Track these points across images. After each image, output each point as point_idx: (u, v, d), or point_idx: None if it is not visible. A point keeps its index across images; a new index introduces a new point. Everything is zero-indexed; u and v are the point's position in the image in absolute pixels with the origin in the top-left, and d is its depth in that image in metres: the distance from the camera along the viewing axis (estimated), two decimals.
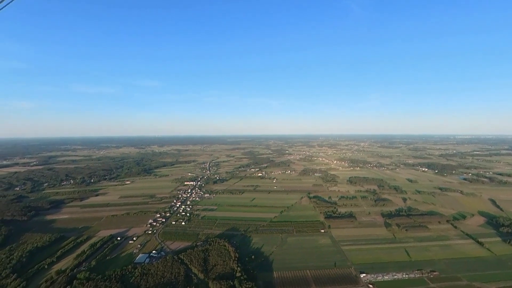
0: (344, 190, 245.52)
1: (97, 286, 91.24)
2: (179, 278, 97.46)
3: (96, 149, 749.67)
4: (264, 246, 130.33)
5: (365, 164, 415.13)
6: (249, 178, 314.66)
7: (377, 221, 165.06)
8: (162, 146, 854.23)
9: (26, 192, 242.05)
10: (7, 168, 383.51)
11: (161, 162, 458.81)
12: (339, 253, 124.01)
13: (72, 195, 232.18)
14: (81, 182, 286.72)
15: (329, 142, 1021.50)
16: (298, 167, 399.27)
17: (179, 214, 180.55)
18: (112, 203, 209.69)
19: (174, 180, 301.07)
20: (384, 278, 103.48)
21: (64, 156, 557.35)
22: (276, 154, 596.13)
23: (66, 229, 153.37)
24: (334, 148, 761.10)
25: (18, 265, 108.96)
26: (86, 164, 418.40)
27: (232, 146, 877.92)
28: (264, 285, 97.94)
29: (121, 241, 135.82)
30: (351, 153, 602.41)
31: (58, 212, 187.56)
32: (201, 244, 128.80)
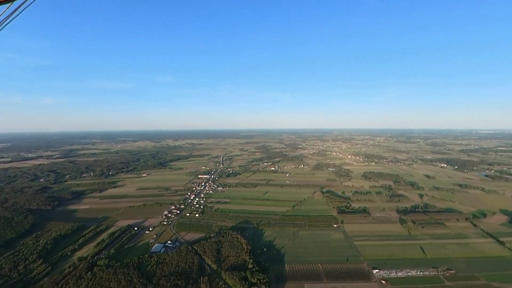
0: (358, 185, 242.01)
1: (116, 273, 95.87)
2: (193, 267, 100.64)
3: (114, 142, 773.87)
4: (276, 239, 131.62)
5: (380, 159, 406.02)
6: (262, 172, 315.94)
7: (391, 217, 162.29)
8: (176, 140, 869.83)
9: (49, 183, 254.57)
10: (32, 160, 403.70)
11: (176, 156, 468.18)
12: (351, 248, 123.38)
13: (92, 186, 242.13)
14: (100, 174, 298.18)
15: (344, 137, 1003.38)
16: (311, 161, 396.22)
17: (193, 206, 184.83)
18: (129, 194, 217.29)
19: (188, 173, 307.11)
20: (398, 275, 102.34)
21: (84, 149, 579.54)
22: (289, 148, 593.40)
23: (86, 218, 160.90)
24: (349, 142, 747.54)
25: (44, 251, 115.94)
26: (104, 157, 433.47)
27: (245, 140, 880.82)
28: (276, 277, 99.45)
29: (138, 231, 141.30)
30: (366, 148, 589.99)
31: (79, 202, 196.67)
32: (214, 235, 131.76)
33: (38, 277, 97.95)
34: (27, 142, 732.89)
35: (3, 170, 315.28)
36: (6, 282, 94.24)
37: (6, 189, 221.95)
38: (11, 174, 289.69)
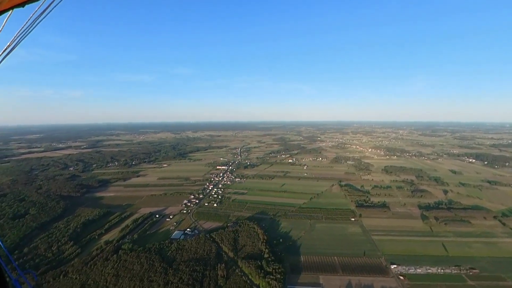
0: (378, 179, 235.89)
1: (139, 256, 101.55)
2: (211, 254, 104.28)
3: (136, 134, 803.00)
4: (293, 231, 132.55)
5: (402, 153, 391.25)
6: (279, 164, 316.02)
7: (412, 213, 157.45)
8: (196, 132, 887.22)
9: (78, 172, 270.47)
10: (63, 150, 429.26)
11: (195, 147, 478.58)
12: (369, 242, 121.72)
13: (117, 175, 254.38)
14: (124, 164, 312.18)
15: (364, 129, 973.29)
16: (330, 154, 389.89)
17: (212, 196, 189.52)
18: (151, 183, 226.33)
19: (207, 164, 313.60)
20: (417, 271, 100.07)
21: (109, 140, 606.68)
22: (308, 141, 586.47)
23: (112, 205, 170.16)
24: (370, 135, 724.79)
25: (74, 234, 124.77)
26: (128, 148, 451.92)
27: (263, 132, 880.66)
28: (291, 268, 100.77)
29: (159, 218, 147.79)
30: (387, 141, 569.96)
31: (105, 190, 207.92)
32: (231, 225, 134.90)
33: (70, 258, 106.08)
34: (58, 133, 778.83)
35: (37, 159, 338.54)
36: (43, 261, 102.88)
37: (40, 177, 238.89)
38: (44, 163, 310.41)
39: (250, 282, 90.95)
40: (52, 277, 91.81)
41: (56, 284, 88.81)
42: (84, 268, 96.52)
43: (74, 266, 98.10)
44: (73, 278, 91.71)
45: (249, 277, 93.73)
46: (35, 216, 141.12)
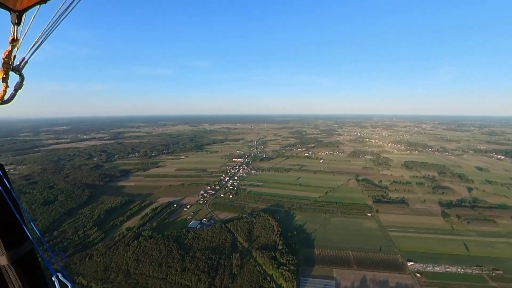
0: (397, 175, 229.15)
1: (158, 243, 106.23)
2: (226, 244, 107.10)
3: (156, 126, 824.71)
4: (307, 224, 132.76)
5: (424, 148, 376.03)
6: (295, 158, 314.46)
7: (433, 210, 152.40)
8: (213, 125, 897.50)
9: (101, 162, 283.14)
10: (87, 141, 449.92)
11: (212, 139, 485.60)
12: (385, 238, 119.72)
13: (137, 166, 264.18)
14: (144, 155, 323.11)
15: (384, 123, 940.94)
16: (348, 148, 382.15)
17: (227, 188, 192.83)
18: (169, 174, 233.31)
19: (223, 156, 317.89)
20: (435, 269, 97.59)
21: (130, 132, 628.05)
22: (325, 134, 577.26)
23: (133, 194, 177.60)
24: (390, 129, 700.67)
25: (98, 220, 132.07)
26: (148, 140, 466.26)
27: (280, 125, 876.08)
28: (305, 260, 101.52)
29: (177, 208, 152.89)
30: (409, 136, 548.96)
31: (126, 179, 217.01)
32: (246, 216, 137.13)
33: (94, 242, 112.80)
34: (83, 125, 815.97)
35: (64, 149, 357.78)
36: (70, 244, 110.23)
37: (67, 166, 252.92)
38: (71, 153, 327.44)
39: (263, 272, 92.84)
40: (78, 259, 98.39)
41: (83, 266, 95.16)
42: (108, 252, 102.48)
43: (98, 250, 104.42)
44: (98, 261, 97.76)
45: (263, 267, 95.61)
46: (63, 203, 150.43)
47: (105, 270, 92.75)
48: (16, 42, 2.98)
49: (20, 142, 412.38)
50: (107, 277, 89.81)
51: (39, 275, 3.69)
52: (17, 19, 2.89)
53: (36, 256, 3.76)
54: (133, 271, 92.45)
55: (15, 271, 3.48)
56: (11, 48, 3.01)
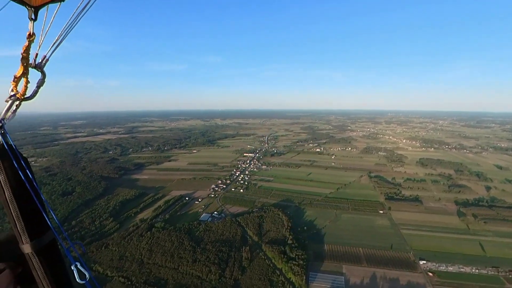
0: (411, 172, 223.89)
1: (170, 235, 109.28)
2: (236, 237, 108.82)
3: (168, 121, 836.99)
4: (317, 220, 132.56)
5: (441, 145, 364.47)
6: (307, 153, 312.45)
7: (448, 209, 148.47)
8: (224, 119, 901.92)
9: (116, 155, 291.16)
10: (102, 135, 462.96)
11: (223, 134, 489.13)
12: (397, 236, 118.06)
13: (150, 159, 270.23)
14: (157, 149, 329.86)
15: (399, 119, 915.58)
16: (360, 144, 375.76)
17: (238, 182, 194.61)
18: (181, 168, 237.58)
19: (234, 151, 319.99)
20: (448, 269, 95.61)
21: (144, 126, 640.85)
22: (337, 130, 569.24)
23: (146, 187, 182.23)
24: (405, 125, 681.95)
25: (113, 211, 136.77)
26: (160, 134, 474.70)
27: (291, 120, 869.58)
28: (314, 255, 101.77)
29: (188, 201, 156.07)
30: (424, 132, 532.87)
31: (140, 173, 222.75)
32: (257, 210, 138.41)
33: (110, 232, 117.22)
34: (99, 120, 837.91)
35: (81, 143, 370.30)
36: (87, 233, 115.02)
37: (84, 159, 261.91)
38: (87, 146, 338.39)
39: (273, 266, 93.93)
40: (95, 247, 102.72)
41: (99, 254, 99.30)
42: (122, 242, 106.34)
43: (114, 239, 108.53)
44: (113, 250, 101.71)
45: (272, 261, 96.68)
46: (80, 194, 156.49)
47: (120, 259, 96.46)
48: (32, 37, 3.06)
49: (40, 136, 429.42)
50: (122, 265, 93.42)
51: (59, 264, 3.99)
52: (34, 15, 3.01)
53: (57, 246, 4.06)
54: (147, 260, 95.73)
55: (38, 259, 3.68)
56: (28, 44, 3.11)
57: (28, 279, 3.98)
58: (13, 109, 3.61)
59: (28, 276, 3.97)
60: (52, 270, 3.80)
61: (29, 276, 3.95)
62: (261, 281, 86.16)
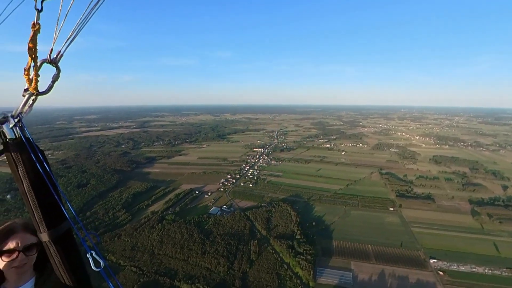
0: (424, 170, 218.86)
1: (180, 227, 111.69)
2: (245, 231, 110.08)
3: (179, 115, 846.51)
4: (326, 216, 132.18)
5: (456, 142, 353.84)
6: (316, 149, 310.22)
7: (461, 208, 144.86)
8: (234, 114, 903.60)
9: (129, 149, 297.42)
10: (115, 130, 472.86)
11: (233, 129, 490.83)
12: (407, 234, 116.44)
13: (162, 153, 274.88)
14: (168, 143, 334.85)
15: (413, 115, 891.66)
16: (372, 140, 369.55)
17: (247, 177, 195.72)
18: (191, 162, 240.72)
19: (244, 146, 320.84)
20: (460, 269, 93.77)
21: (155, 121, 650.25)
22: (348, 126, 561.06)
23: (157, 180, 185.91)
24: (418, 122, 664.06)
25: (126, 203, 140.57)
26: (171, 129, 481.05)
27: (302, 116, 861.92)
28: (322, 250, 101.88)
29: (198, 195, 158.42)
30: (439, 129, 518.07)
31: (151, 166, 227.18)
32: (265, 205, 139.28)
33: (122, 223, 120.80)
34: (112, 114, 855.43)
35: (95, 136, 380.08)
36: (101, 224, 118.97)
37: (98, 152, 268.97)
38: (101, 140, 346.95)
39: (280, 260, 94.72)
40: (109, 238, 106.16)
41: (112, 244, 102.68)
42: (134, 233, 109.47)
43: (126, 230, 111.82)
44: (126, 241, 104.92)
45: (280, 255, 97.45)
46: (94, 186, 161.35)
47: (132, 249, 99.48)
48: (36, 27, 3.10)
49: (56, 130, 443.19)
50: (134, 255, 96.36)
51: (75, 252, 4.18)
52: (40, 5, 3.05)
53: (73, 235, 4.22)
54: (157, 251, 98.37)
55: (55, 248, 3.87)
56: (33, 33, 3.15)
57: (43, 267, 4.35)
58: (30, 104, 3.72)
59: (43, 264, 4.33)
60: (68, 258, 4.01)
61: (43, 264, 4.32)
62: (269, 274, 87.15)
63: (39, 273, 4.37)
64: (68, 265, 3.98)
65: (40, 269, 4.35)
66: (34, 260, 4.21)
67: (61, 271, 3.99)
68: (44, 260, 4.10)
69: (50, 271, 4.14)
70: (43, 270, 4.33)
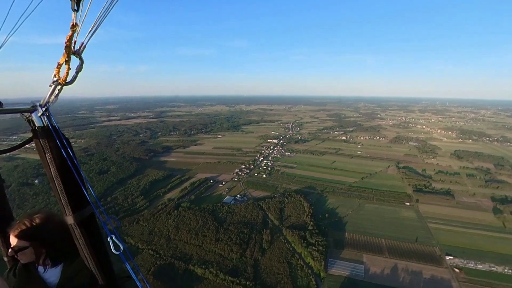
0: (444, 165, 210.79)
1: (195, 214, 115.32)
2: (258, 220, 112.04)
3: (195, 106, 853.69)
4: (339, 208, 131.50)
5: (481, 137, 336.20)
6: (332, 141, 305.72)
7: (483, 205, 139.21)
8: (249, 105, 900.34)
9: (146, 138, 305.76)
10: (134, 119, 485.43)
11: (248, 120, 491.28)
12: (423, 229, 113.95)
13: (178, 143, 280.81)
14: (184, 133, 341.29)
15: (435, 108, 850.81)
16: (390, 133, 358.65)
17: (261, 167, 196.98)
18: (206, 152, 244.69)
19: (258, 137, 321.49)
20: (477, 267, 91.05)
21: (171, 111, 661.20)
22: (365, 118, 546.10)
23: (173, 169, 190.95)
24: (441, 115, 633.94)
25: (144, 190, 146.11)
26: (187, 119, 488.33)
27: (317, 107, 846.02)
28: (334, 242, 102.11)
29: (213, 184, 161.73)
30: (463, 122, 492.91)
31: (168, 155, 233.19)
32: (278, 196, 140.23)
33: (141, 209, 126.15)
34: (130, 104, 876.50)
35: (115, 126, 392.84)
36: (121, 209, 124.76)
37: (117, 141, 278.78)
38: (120, 129, 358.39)
39: (292, 250, 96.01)
40: (128, 222, 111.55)
41: (131, 228, 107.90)
42: (152, 219, 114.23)
43: (144, 216, 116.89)
44: (143, 226, 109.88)
45: (292, 245, 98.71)
46: (114, 173, 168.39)
47: (150, 234, 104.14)
48: (75, 27, 3.27)
49: (79, 119, 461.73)
50: (151, 240, 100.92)
51: (97, 235, 4.46)
52: (76, 6, 3.18)
53: (95, 219, 4.48)
54: (173, 236, 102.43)
55: (79, 230, 4.16)
56: (72, 33, 3.33)
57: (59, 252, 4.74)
58: (56, 94, 3.94)
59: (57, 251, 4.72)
60: (91, 240, 4.28)
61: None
62: (280, 263, 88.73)
63: (68, 253, 4.78)
64: (91, 247, 4.28)
65: (70, 250, 4.68)
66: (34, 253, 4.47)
67: (85, 253, 4.30)
68: (73, 243, 4.35)
69: (77, 253, 4.44)
70: (72, 251, 4.63)
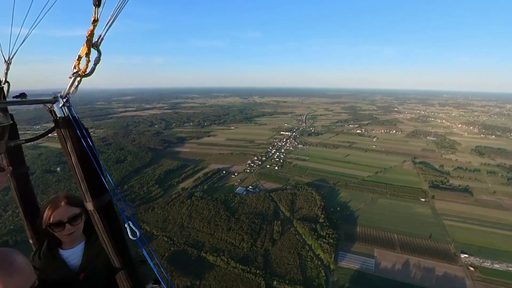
0: (464, 161, 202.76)
1: (208, 204, 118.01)
2: (269, 211, 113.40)
3: (209, 97, 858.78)
4: (352, 202, 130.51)
5: (505, 133, 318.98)
6: (346, 134, 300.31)
7: (503, 203, 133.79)
8: (262, 97, 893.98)
9: (161, 129, 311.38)
10: (149, 110, 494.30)
11: (261, 112, 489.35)
12: (438, 226, 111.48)
13: (191, 134, 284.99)
14: (197, 125, 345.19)
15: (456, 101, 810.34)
16: (407, 127, 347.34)
17: (274, 159, 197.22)
18: (219, 143, 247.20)
19: (271, 129, 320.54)
20: (494, 266, 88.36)
21: (185, 103, 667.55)
22: (382, 111, 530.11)
23: (187, 159, 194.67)
24: (463, 109, 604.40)
25: (159, 179, 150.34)
26: (201, 110, 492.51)
27: (332, 100, 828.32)
28: (345, 236, 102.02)
29: (225, 174, 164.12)
30: (486, 117, 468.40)
31: (182, 146, 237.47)
32: (290, 188, 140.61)
33: (155, 197, 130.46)
34: (145, 96, 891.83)
35: (131, 116, 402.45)
36: (137, 197, 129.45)
37: (134, 131, 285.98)
38: (136, 120, 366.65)
39: (302, 241, 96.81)
40: (143, 210, 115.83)
41: (146, 216, 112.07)
42: (166, 207, 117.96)
43: (159, 204, 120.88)
44: (158, 213, 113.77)
45: (303, 236, 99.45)
46: (131, 162, 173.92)
47: (164, 221, 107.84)
48: (96, 22, 3.27)
49: (97, 110, 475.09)
50: (165, 227, 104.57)
51: (115, 221, 4.58)
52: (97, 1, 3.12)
53: (113, 206, 4.59)
54: (186, 225, 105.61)
55: (98, 216, 4.30)
56: (93, 28, 3.31)
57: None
58: (76, 85, 3.97)
59: None
60: (110, 226, 4.42)
61: None
62: (290, 254, 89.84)
63: (88, 237, 5.15)
64: (109, 232, 4.43)
65: (89, 234, 5.10)
66: (81, 228, 5.00)
67: (104, 238, 4.47)
68: (92, 226, 4.57)
69: (96, 237, 4.67)
70: (91, 235, 5.00)
